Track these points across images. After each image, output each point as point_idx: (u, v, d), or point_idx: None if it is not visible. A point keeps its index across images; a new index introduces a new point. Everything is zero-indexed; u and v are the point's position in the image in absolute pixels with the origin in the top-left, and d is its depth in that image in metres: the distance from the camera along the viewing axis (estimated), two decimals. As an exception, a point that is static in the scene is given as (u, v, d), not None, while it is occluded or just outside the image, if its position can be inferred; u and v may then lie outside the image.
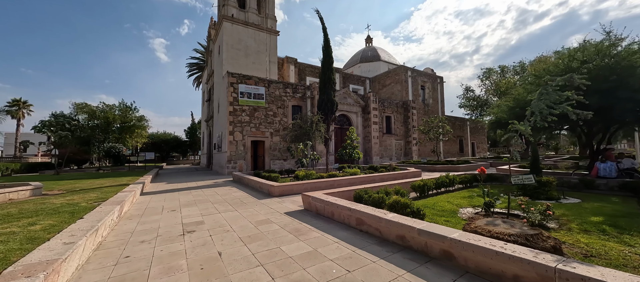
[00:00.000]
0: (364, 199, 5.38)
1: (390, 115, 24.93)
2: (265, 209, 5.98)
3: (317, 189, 8.35)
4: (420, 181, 7.12)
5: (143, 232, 4.29)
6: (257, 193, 8.22)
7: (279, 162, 17.34)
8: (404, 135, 26.02)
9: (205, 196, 8.00)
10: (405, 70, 27.27)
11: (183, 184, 11.28)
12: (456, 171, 14.73)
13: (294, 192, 7.93)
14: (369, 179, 10.06)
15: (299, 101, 18.54)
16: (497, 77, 24.11)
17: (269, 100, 17.24)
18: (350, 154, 13.36)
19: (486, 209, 5.08)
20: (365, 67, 32.93)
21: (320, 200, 5.15)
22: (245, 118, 16.20)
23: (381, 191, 5.99)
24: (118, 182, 10.08)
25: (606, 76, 7.85)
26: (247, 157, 16.15)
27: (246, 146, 16.15)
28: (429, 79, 29.43)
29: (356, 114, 22.09)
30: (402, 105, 26.03)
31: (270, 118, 17.17)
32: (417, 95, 27.92)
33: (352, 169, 13.10)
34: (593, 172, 8.08)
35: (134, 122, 29.80)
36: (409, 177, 11.56)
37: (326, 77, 15.26)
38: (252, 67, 19.64)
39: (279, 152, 17.41)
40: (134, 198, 7.03)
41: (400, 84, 27.32)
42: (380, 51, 33.97)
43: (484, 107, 24.78)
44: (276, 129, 17.37)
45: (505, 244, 2.47)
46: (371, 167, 15.12)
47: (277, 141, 17.35)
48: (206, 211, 5.85)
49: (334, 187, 8.71)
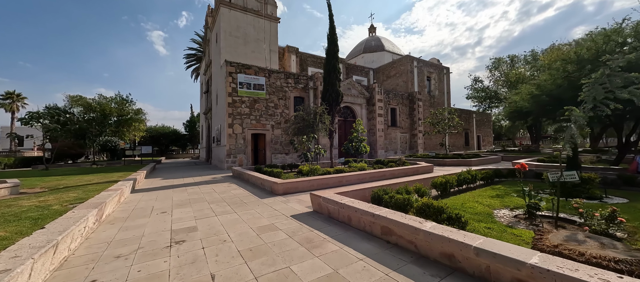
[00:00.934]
0: (384, 200, 4.62)
1: (395, 107, 24.06)
2: (269, 210, 5.23)
3: (325, 187, 7.60)
4: (442, 178, 6.35)
5: (122, 243, 3.55)
6: (259, 191, 7.48)
7: (280, 156, 16.59)
8: (409, 128, 25.20)
9: (202, 193, 7.25)
10: (411, 61, 26.24)
11: (179, 179, 10.55)
12: (468, 165, 13.96)
13: (300, 190, 7.18)
14: (380, 175, 9.31)
15: (301, 92, 17.66)
16: (506, 68, 23.06)
17: (270, 91, 16.37)
18: (357, 148, 12.59)
19: (530, 212, 4.33)
20: (369, 57, 31.82)
21: (334, 201, 4.39)
22: (245, 110, 15.37)
23: (401, 189, 5.24)
24: (108, 178, 9.35)
25: None
26: (248, 151, 15.39)
27: (246, 139, 15.37)
28: (435, 69, 28.40)
29: (360, 106, 21.23)
30: (407, 96, 25.11)
31: (271, 110, 16.33)
32: (423, 87, 26.95)
33: (359, 164, 12.34)
34: (632, 167, 7.32)
35: (130, 116, 29.02)
36: (420, 173, 10.82)
37: (331, 66, 14.35)
38: (252, 56, 18.69)
39: (280, 146, 16.63)
40: (122, 197, 6.29)
41: (406, 74, 26.31)
42: (384, 41, 32.78)
43: (493, 99, 23.83)
44: (277, 122, 16.55)
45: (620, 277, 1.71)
46: (378, 161, 14.36)
47: (278, 134, 16.56)
48: (201, 213, 5.10)
49: (343, 185, 7.97)
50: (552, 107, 8.00)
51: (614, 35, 7.77)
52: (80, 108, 26.64)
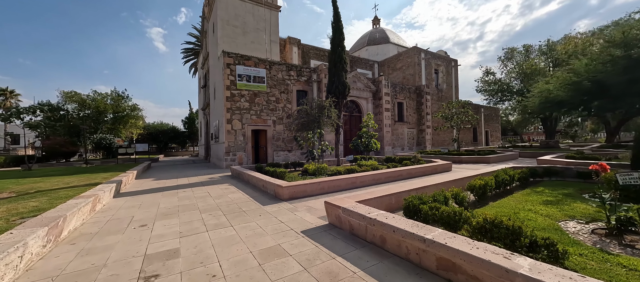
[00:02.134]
0: (423, 212, 3.58)
1: (402, 102, 22.95)
2: (273, 223, 4.22)
3: (337, 190, 6.59)
4: (480, 180, 5.32)
5: (72, 278, 2.54)
6: (260, 195, 6.47)
7: (283, 153, 15.57)
8: (417, 123, 24.12)
9: (195, 198, 6.25)
10: (418, 52, 25.04)
11: (172, 180, 9.55)
12: (486, 162, 12.94)
13: (308, 194, 6.16)
14: (396, 175, 8.29)
15: (304, 85, 16.58)
16: (521, 58, 21.82)
17: (271, 84, 15.30)
18: (367, 144, 11.55)
19: (619, 228, 3.29)
20: (373, 50, 30.59)
21: (359, 215, 3.37)
22: (244, 104, 14.31)
23: (437, 195, 4.22)
24: (91, 180, 8.36)
25: None
26: (248, 148, 14.37)
27: (246, 135, 14.34)
28: (443, 62, 27.20)
29: (366, 100, 20.14)
30: (414, 90, 23.98)
31: (272, 104, 15.27)
32: (431, 80, 25.78)
33: (369, 162, 11.33)
34: None
35: (127, 112, 28.01)
36: (439, 172, 9.80)
37: (337, 56, 13.25)
38: (251, 47, 17.57)
39: (283, 143, 15.61)
40: (98, 204, 5.29)
41: (413, 67, 25.13)
42: (389, 33, 31.52)
43: (505, 92, 22.63)
44: (279, 117, 15.50)
45: None
46: (389, 158, 13.35)
47: (280, 130, 15.52)
48: (189, 227, 4.10)
49: (357, 187, 6.96)
50: (591, 95, 6.92)
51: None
52: (74, 104, 25.69)
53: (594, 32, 19.84)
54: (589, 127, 35.82)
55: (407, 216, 3.81)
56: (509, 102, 24.06)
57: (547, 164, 9.46)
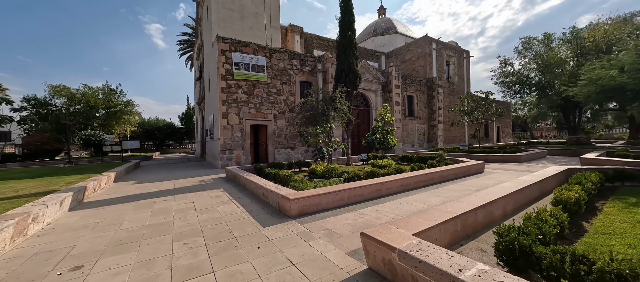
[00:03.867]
0: (544, 262, 2.03)
1: (412, 95, 21.36)
2: (280, 265, 2.69)
3: (360, 201, 5.07)
4: (568, 191, 3.77)
5: None
6: (260, 207, 4.96)
7: (285, 151, 14.05)
8: (428, 118, 22.54)
9: (173, 213, 4.74)
10: (429, 42, 23.33)
11: (156, 184, 8.04)
12: (517, 161, 11.40)
13: (323, 207, 4.64)
14: (427, 179, 6.75)
15: (308, 76, 14.99)
16: (542, 48, 20.15)
17: (272, 74, 13.71)
18: (383, 141, 10.01)
19: None
20: (379, 40, 28.87)
21: (437, 271, 1.82)
22: (242, 96, 12.75)
23: (531, 218, 2.69)
24: (52, 185, 6.83)
25: None
26: (246, 145, 12.85)
27: (244, 131, 12.80)
28: (455, 53, 25.50)
29: (375, 93, 18.55)
30: (425, 83, 22.36)
31: (273, 96, 13.70)
32: (442, 72, 24.11)
33: (385, 161, 9.81)
34: None
35: (120, 107, 26.44)
36: (472, 173, 8.29)
37: (347, 40, 11.67)
38: (250, 34, 15.94)
39: (285, 139, 14.07)
40: (36, 225, 3.79)
41: (423, 58, 23.44)
42: (396, 23, 29.75)
43: (524, 84, 20.99)
44: (281, 110, 13.94)
45: None
46: (405, 157, 11.81)
47: (282, 125, 13.97)
48: (146, 273, 2.58)
49: (383, 196, 5.46)
50: None
51: None
52: (63, 99, 24.13)
53: (625, 17, 18.17)
54: (603, 123, 34.12)
55: (508, 263, 2.27)
56: (528, 96, 22.37)
57: (604, 165, 7.92)
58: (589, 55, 17.86)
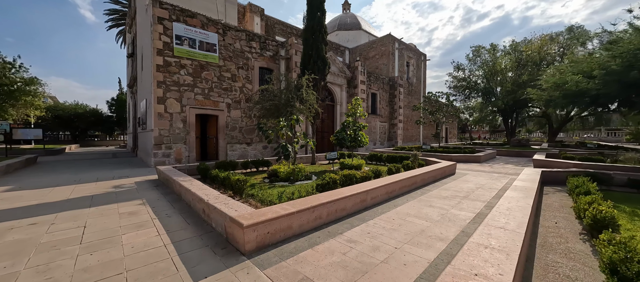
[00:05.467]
0: None
1: (376, 93, 21.15)
2: None
3: (341, 218, 3.77)
4: (588, 203, 3.07)
5: None
6: (196, 233, 3.27)
7: (240, 147, 12.06)
8: (389, 116, 22.70)
9: (33, 254, 2.74)
10: (393, 41, 23.47)
11: (43, 191, 5.48)
12: (477, 162, 11.62)
13: (295, 232, 3.20)
14: (410, 183, 5.85)
15: (270, 62, 13.18)
16: (489, 56, 22.00)
17: (225, 55, 11.54)
18: (355, 138, 8.96)
19: None
20: (344, 35, 28.22)
21: None
22: (185, 78, 10.34)
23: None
24: None
25: None
26: (190, 139, 10.51)
27: (188, 121, 10.44)
28: (414, 55, 26.31)
29: (341, 88, 17.63)
30: (388, 81, 22.43)
31: (226, 82, 11.56)
32: (403, 72, 24.57)
33: (355, 160, 8.80)
34: None
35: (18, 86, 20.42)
36: (447, 174, 7.78)
37: (316, 22, 10.29)
38: (199, 4, 13.30)
39: (240, 133, 12.07)
40: None
41: (387, 57, 23.50)
42: (361, 20, 29.49)
43: (472, 89, 22.69)
44: (236, 99, 11.88)
45: None
46: (373, 156, 11.05)
47: (237, 116, 11.94)
48: None
49: (368, 208, 4.30)
50: (635, 90, 5.53)
51: None
52: None
53: (551, 36, 20.80)
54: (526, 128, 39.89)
55: None
56: (474, 100, 24.32)
57: (555, 167, 8.19)
58: (526, 66, 20.00)
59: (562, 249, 2.79)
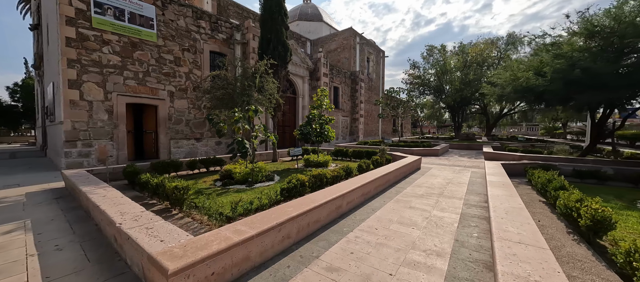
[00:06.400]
0: None
1: (338, 87, 20.82)
2: None
3: (317, 230, 2.98)
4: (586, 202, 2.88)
5: None
6: (103, 277, 2.12)
7: (188, 143, 10.34)
8: (351, 111, 22.67)
9: None
10: (354, 35, 23.35)
11: None
12: (435, 155, 12.04)
13: (255, 263, 2.29)
14: (384, 181, 5.37)
15: (222, 46, 11.57)
16: (440, 56, 23.55)
17: (167, 34, 9.64)
18: (321, 132, 8.24)
19: None
20: (305, 26, 27.18)
21: None
22: (110, 58, 8.27)
23: None
24: None
25: None
26: (119, 133, 8.50)
27: (116, 112, 8.42)
28: (374, 51, 26.75)
29: (303, 79, 16.74)
30: (350, 75, 22.29)
31: (168, 66, 9.70)
32: (363, 67, 24.75)
33: (321, 156, 8.14)
34: None
35: None
36: (415, 169, 7.63)
37: (274, 3, 9.16)
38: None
39: (187, 127, 10.34)
40: None
41: (348, 50, 23.31)
42: (322, 12, 28.76)
43: (425, 88, 24.09)
44: (181, 87, 10.10)
45: None
46: (339, 151, 10.56)
47: (183, 107, 10.17)
48: None
49: (345, 215, 3.60)
50: (580, 86, 6.02)
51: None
52: None
53: (492, 40, 23.17)
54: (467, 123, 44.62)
55: None
56: (426, 97, 25.92)
57: (503, 159, 8.76)
58: (472, 66, 21.91)
59: (566, 256, 2.48)
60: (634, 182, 5.62)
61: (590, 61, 6.70)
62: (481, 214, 3.77)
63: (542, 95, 7.51)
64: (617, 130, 9.28)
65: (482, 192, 5.17)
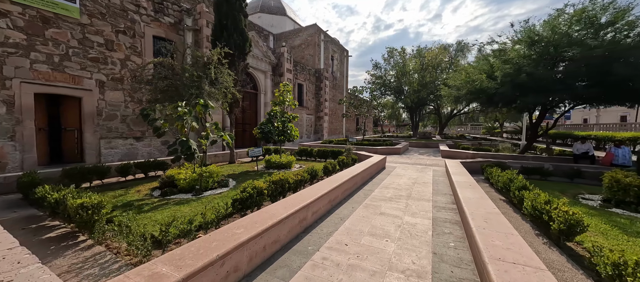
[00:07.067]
0: None
1: (302, 84, 20.24)
2: None
3: (276, 252, 2.38)
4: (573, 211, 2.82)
5: None
6: None
7: (125, 144, 8.75)
8: (315, 109, 22.28)
9: None
10: (319, 32, 22.97)
11: None
12: (397, 154, 12.28)
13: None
14: (351, 184, 4.99)
15: (170, 31, 10.11)
16: (399, 58, 24.59)
17: (94, 10, 7.96)
18: (283, 130, 7.58)
19: None
20: (267, 19, 25.88)
21: None
22: (9, 34, 6.44)
23: None
24: None
25: None
26: (25, 132, 6.70)
27: (20, 104, 6.61)
28: (338, 49, 26.76)
29: (265, 74, 15.76)
30: (314, 73, 21.88)
31: (96, 50, 8.02)
32: (328, 65, 24.55)
33: (284, 157, 7.54)
34: (607, 158, 6.90)
35: None
36: (381, 168, 7.49)
37: (232, -14, 8.17)
38: None
39: (125, 124, 8.75)
40: None
41: (313, 47, 22.84)
42: (286, 5, 27.74)
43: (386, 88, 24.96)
44: (116, 76, 8.48)
45: None
46: (303, 151, 10.04)
47: (118, 100, 8.57)
48: None
49: (308, 228, 3.07)
50: (526, 89, 6.54)
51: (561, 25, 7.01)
52: None
53: (444, 46, 24.99)
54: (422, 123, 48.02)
55: None
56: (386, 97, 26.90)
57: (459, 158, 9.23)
58: (427, 69, 23.31)
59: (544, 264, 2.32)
60: (569, 177, 6.21)
61: (533, 67, 7.30)
62: (452, 218, 3.60)
63: (493, 97, 8.01)
64: (549, 131, 10.51)
65: (448, 192, 5.14)
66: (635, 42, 6.58)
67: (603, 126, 22.41)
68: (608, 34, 7.07)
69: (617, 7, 7.07)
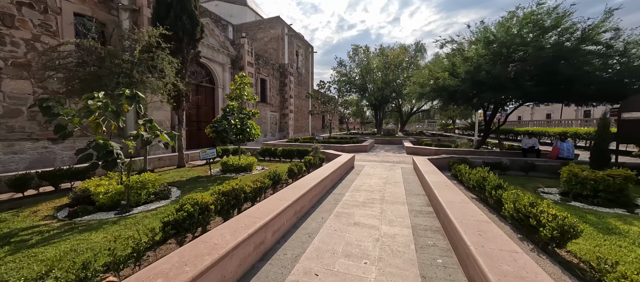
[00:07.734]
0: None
1: (266, 79, 19.12)
2: None
3: None
4: (563, 215, 2.60)
5: None
6: None
7: (34, 147, 6.93)
8: (280, 106, 21.31)
9: None
10: (283, 26, 21.92)
11: None
12: (364, 151, 12.12)
13: None
14: (321, 189, 4.42)
15: (98, 9, 8.36)
16: (364, 56, 24.87)
17: (-20, -30, 6.03)
18: (242, 129, 6.65)
19: None
20: (227, 8, 23.91)
21: None
22: None
23: None
24: None
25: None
26: None
27: None
28: (303, 45, 26.02)
29: (223, 67, 14.35)
30: (278, 68, 20.86)
31: (-15, 24, 6.13)
32: (293, 61, 23.68)
33: (243, 158, 6.69)
34: (554, 152, 7.38)
35: None
36: (349, 168, 7.08)
37: (177, -41, 6.91)
38: None
39: (37, 123, 6.91)
40: None
41: (277, 41, 21.72)
42: (247, -5, 26.00)
43: (351, 86, 25.07)
44: (18, 61, 6.64)
45: None
46: (266, 150, 9.20)
47: (23, 91, 6.73)
48: None
49: (267, 249, 2.35)
50: (485, 86, 6.77)
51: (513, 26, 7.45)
52: None
53: (405, 47, 26.04)
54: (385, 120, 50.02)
55: None
56: (351, 95, 27.12)
57: (427, 154, 9.36)
58: (390, 68, 23.99)
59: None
60: (524, 171, 6.52)
61: (491, 65, 7.59)
62: (432, 225, 3.24)
63: (455, 94, 8.19)
64: (501, 127, 11.34)
65: (420, 192, 4.88)
66: (573, 44, 7.20)
67: (535, 122, 25.63)
68: (552, 37, 7.65)
69: (558, 12, 7.67)
